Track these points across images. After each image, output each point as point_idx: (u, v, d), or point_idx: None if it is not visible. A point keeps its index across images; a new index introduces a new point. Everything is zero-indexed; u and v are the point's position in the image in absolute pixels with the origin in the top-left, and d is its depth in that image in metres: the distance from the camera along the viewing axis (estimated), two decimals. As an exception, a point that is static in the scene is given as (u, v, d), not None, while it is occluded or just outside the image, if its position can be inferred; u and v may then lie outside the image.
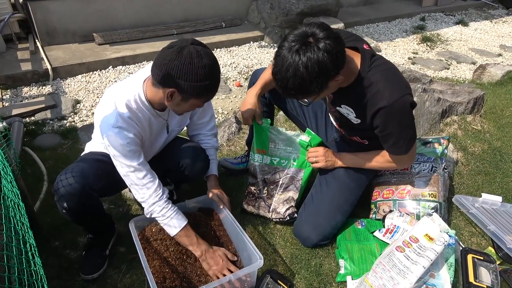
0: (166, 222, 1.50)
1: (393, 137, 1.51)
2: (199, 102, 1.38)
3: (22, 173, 1.72)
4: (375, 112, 1.44)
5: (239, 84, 3.62)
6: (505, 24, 6.29)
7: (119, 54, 3.84)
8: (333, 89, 1.44)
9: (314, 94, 1.34)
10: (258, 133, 1.91)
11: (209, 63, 1.28)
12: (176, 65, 1.25)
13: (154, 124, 1.55)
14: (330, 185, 1.81)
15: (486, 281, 1.56)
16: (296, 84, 1.27)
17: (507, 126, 2.80)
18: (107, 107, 1.40)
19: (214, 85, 1.34)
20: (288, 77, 1.26)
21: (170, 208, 1.49)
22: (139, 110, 1.45)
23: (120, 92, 1.42)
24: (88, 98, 3.25)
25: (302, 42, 1.24)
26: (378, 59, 1.46)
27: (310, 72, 1.24)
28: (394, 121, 1.46)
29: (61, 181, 1.42)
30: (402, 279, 1.44)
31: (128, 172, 1.43)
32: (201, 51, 1.28)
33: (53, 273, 1.62)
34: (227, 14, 4.83)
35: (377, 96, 1.42)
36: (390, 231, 1.76)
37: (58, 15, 3.79)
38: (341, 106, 1.58)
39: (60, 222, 1.83)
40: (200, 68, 1.26)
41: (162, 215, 1.48)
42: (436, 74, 4.26)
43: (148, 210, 1.48)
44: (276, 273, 1.62)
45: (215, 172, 1.80)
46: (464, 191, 2.17)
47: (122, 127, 1.38)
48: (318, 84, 1.27)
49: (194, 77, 1.26)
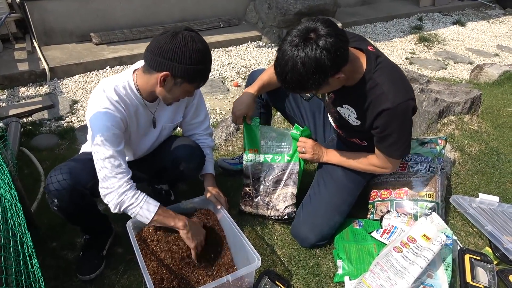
0: (138, 210, 1.43)
1: (391, 139, 1.52)
2: (191, 87, 1.40)
3: (19, 173, 1.72)
4: (378, 113, 1.45)
5: (237, 84, 3.61)
6: (502, 24, 6.31)
7: (117, 54, 3.83)
8: (335, 86, 1.44)
9: (312, 90, 1.35)
10: (248, 133, 1.91)
11: (203, 48, 1.32)
12: (170, 48, 1.28)
13: (142, 115, 1.54)
14: (328, 186, 1.81)
15: (483, 281, 1.57)
16: (294, 79, 1.29)
17: (504, 126, 2.81)
18: (95, 95, 1.41)
19: (206, 71, 1.37)
20: (287, 71, 1.28)
21: (140, 193, 1.44)
22: (127, 97, 1.45)
23: (110, 81, 1.43)
24: (86, 98, 3.24)
25: (303, 37, 1.25)
26: (384, 61, 1.47)
27: (307, 69, 1.25)
28: (396, 124, 1.47)
29: (51, 180, 1.43)
30: (399, 279, 1.44)
31: (106, 157, 1.36)
32: (195, 36, 1.31)
33: (51, 274, 1.61)
34: (225, 14, 4.83)
35: (381, 97, 1.42)
36: (388, 232, 1.76)
37: (55, 15, 3.77)
38: (343, 106, 1.58)
39: (57, 222, 1.82)
40: (194, 52, 1.29)
41: (134, 201, 1.41)
42: (434, 74, 4.27)
43: (118, 200, 1.39)
44: (274, 273, 1.62)
45: (211, 171, 1.79)
46: (461, 191, 2.18)
47: (110, 108, 1.38)
48: (315, 81, 1.28)
49: (188, 60, 1.29)
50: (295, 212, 1.85)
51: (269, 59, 4.22)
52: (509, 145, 2.59)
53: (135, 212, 1.44)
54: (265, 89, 1.84)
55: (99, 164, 1.38)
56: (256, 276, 1.59)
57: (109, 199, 1.41)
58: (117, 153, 1.39)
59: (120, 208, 1.42)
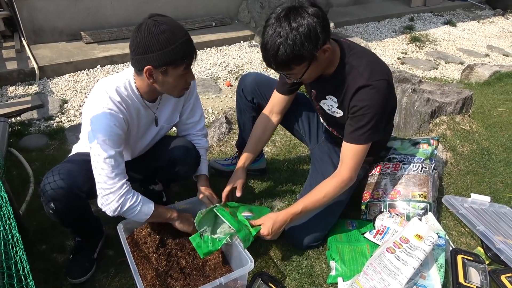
0: (138, 209, 1.44)
1: (364, 119, 1.47)
2: (180, 70, 1.34)
3: (7, 175, 1.69)
4: (354, 92, 1.45)
5: (229, 84, 3.60)
6: (492, 25, 6.38)
7: (108, 53, 3.79)
8: (320, 66, 1.43)
9: (306, 61, 1.34)
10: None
11: (168, 27, 1.27)
12: (139, 42, 1.27)
13: (143, 116, 1.53)
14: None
15: (475, 281, 1.57)
16: (288, 50, 1.28)
17: (494, 126, 2.83)
18: (97, 95, 1.39)
19: (183, 46, 1.30)
20: (279, 43, 1.28)
21: (138, 195, 1.46)
22: (129, 98, 1.44)
23: (111, 82, 1.42)
24: (76, 98, 3.20)
25: (291, 9, 1.28)
26: (358, 47, 1.51)
27: (301, 34, 1.26)
28: (370, 101, 1.45)
29: (48, 182, 1.39)
30: (392, 280, 1.44)
31: (106, 158, 1.34)
32: (158, 19, 1.28)
33: (40, 278, 1.58)
34: (217, 13, 4.81)
35: (357, 77, 1.45)
36: (381, 232, 1.76)
37: (45, 13, 3.72)
38: (326, 97, 1.59)
39: (47, 225, 1.79)
40: (160, 35, 1.26)
41: (134, 200, 1.42)
42: (425, 74, 4.30)
43: (118, 203, 1.38)
44: (267, 275, 1.61)
45: (205, 172, 1.78)
46: (453, 191, 2.19)
47: (113, 109, 1.36)
48: (309, 46, 1.29)
49: (157, 45, 1.26)
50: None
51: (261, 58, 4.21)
52: (499, 145, 2.61)
53: (133, 214, 1.44)
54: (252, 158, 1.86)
55: (99, 164, 1.35)
56: (249, 278, 1.58)
57: (109, 201, 1.39)
58: (118, 154, 1.38)
59: (120, 211, 1.41)
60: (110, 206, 1.39)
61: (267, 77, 1.99)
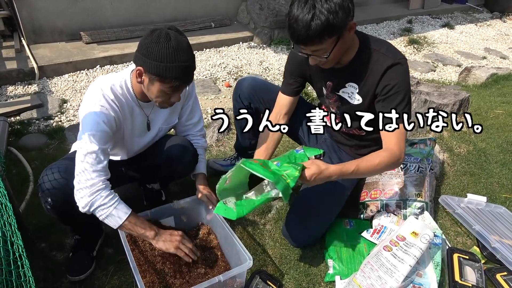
0: (110, 211, 1.36)
1: (400, 96, 1.49)
2: (165, 87, 1.34)
3: (7, 173, 1.70)
4: (383, 72, 1.48)
5: (229, 85, 3.61)
6: (490, 28, 6.41)
7: (107, 53, 3.79)
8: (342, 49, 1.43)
9: (337, 33, 1.34)
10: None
11: (175, 46, 1.27)
12: (145, 43, 1.29)
13: (138, 116, 1.54)
14: (318, 185, 1.81)
15: (471, 280, 1.59)
16: (322, 19, 1.28)
17: (491, 128, 2.85)
18: (92, 91, 1.40)
19: (178, 69, 1.30)
20: (313, 13, 1.28)
21: (114, 195, 1.39)
22: (123, 96, 1.45)
23: (107, 80, 1.43)
24: (75, 98, 3.21)
25: None
26: (370, 35, 1.56)
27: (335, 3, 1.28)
28: (400, 77, 1.48)
29: (46, 176, 1.41)
30: (389, 278, 1.46)
31: (89, 152, 1.32)
32: (172, 34, 1.28)
33: (39, 275, 1.59)
34: (217, 14, 4.82)
35: (382, 58, 1.49)
36: (378, 232, 1.78)
37: (45, 13, 3.73)
38: (345, 85, 1.60)
39: (46, 223, 1.80)
40: (164, 49, 1.27)
41: (108, 200, 1.35)
42: (423, 76, 4.32)
43: (89, 198, 1.33)
44: (265, 273, 1.62)
45: (203, 171, 1.79)
46: (450, 192, 2.21)
47: (104, 106, 1.38)
48: (343, 15, 1.30)
49: (157, 56, 1.27)
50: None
51: (260, 60, 4.23)
52: (496, 146, 2.63)
53: (104, 214, 1.36)
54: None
55: (80, 158, 1.34)
56: (247, 276, 1.59)
57: (81, 195, 1.34)
58: (102, 151, 1.36)
59: (90, 207, 1.35)
60: (81, 200, 1.34)
61: (264, 81, 2.00)
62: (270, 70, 4.03)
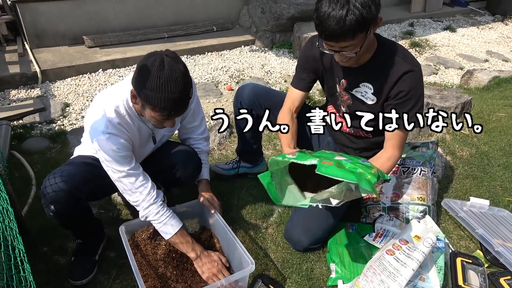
0: (160, 227, 1.51)
1: (411, 102, 1.52)
2: (156, 115, 1.32)
3: (10, 177, 1.70)
4: (400, 76, 1.49)
5: (230, 88, 3.62)
6: (491, 30, 6.40)
7: (109, 57, 3.81)
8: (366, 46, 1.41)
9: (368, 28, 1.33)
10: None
11: (167, 77, 1.23)
12: (142, 67, 1.27)
13: (143, 129, 1.55)
14: (321, 189, 1.81)
15: (474, 284, 1.58)
16: (357, 13, 1.26)
17: (493, 131, 2.85)
18: (96, 113, 1.40)
19: (167, 101, 1.27)
20: (347, 9, 1.26)
21: (164, 211, 1.50)
22: (129, 116, 1.45)
23: (110, 98, 1.42)
24: (78, 102, 3.22)
25: None
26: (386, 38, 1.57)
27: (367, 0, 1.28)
28: (417, 85, 1.51)
29: (49, 183, 1.41)
30: (392, 282, 1.45)
31: (120, 177, 1.43)
32: (167, 62, 1.24)
33: (41, 279, 1.59)
34: (219, 18, 4.83)
35: (400, 62, 1.50)
36: (380, 235, 1.77)
37: (47, 17, 3.75)
38: (359, 85, 1.60)
39: (49, 227, 1.80)
40: (156, 79, 1.23)
41: (157, 218, 1.49)
42: (425, 79, 4.32)
43: (143, 213, 1.50)
44: (268, 277, 1.62)
45: (206, 177, 1.79)
46: (452, 195, 2.20)
47: (112, 133, 1.38)
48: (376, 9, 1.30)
49: (148, 85, 1.25)
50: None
51: (262, 63, 4.23)
52: (498, 149, 2.63)
53: (156, 227, 1.52)
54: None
55: (120, 185, 1.47)
56: (250, 280, 1.59)
57: (138, 209, 1.51)
58: (131, 170, 1.43)
59: (146, 219, 1.51)
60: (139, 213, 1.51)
61: (265, 87, 1.99)
62: (271, 74, 4.03)
